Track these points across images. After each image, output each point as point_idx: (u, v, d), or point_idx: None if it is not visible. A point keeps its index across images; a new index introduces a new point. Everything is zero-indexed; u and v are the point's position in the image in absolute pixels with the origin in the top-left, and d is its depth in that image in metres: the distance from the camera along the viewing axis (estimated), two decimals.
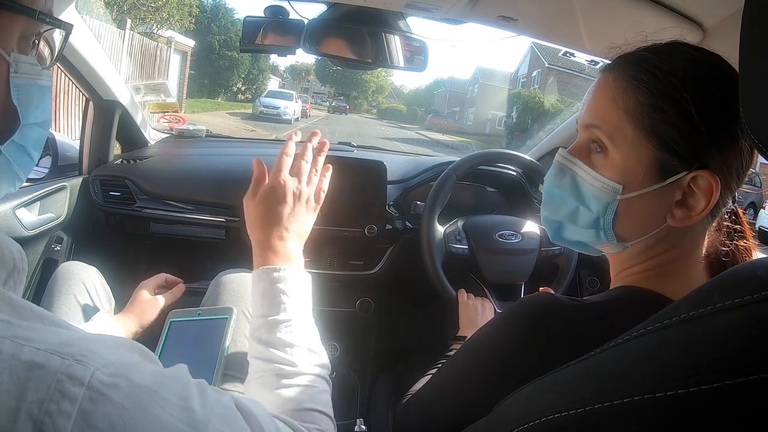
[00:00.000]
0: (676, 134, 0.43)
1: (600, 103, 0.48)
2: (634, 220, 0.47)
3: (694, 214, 0.44)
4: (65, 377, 0.26)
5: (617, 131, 0.46)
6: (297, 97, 18.04)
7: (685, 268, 0.48)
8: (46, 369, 0.26)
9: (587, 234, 0.50)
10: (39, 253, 1.12)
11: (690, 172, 0.43)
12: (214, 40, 15.69)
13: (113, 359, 0.29)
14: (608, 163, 0.47)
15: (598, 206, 0.47)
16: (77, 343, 0.28)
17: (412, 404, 0.64)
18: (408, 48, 1.01)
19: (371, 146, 1.79)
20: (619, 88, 0.46)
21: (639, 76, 0.45)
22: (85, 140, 1.26)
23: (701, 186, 0.43)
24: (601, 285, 1.36)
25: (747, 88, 0.32)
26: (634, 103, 0.45)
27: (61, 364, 0.26)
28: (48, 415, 0.25)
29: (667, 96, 0.43)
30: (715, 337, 0.25)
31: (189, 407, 0.30)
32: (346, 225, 1.19)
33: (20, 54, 0.39)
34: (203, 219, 1.24)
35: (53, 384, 0.26)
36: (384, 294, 1.37)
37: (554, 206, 0.52)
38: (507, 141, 18.30)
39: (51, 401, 0.25)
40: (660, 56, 0.45)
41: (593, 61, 1.04)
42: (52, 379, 0.26)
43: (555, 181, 0.51)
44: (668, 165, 0.44)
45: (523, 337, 0.46)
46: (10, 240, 0.41)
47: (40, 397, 0.25)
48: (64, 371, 0.26)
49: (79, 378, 0.26)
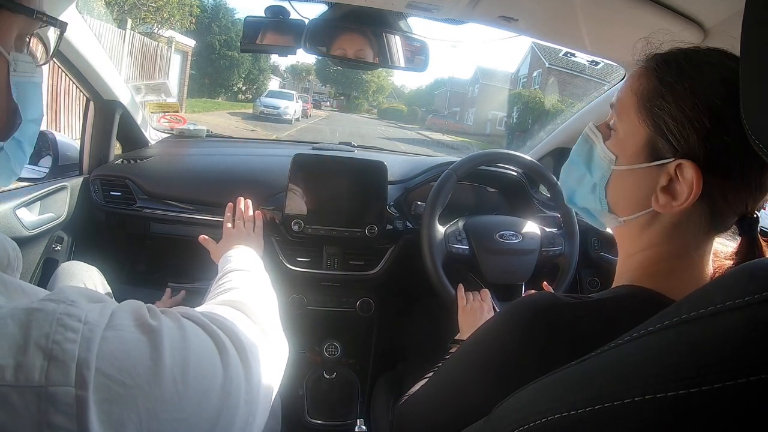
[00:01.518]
0: (671, 121, 0.46)
1: (624, 88, 0.53)
2: (623, 193, 0.51)
3: (676, 203, 0.46)
4: (64, 315, 0.31)
5: (625, 110, 0.51)
6: (297, 97, 18.03)
7: (686, 267, 0.48)
8: (45, 311, 0.30)
9: (589, 199, 0.55)
10: (39, 253, 1.12)
11: (676, 159, 0.45)
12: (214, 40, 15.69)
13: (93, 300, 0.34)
14: (614, 137, 0.52)
15: (597, 173, 0.53)
16: (63, 292, 0.33)
17: (412, 405, 0.64)
18: (409, 48, 1.02)
19: (372, 146, 1.79)
20: (639, 74, 0.51)
21: (656, 67, 0.49)
22: (85, 140, 1.26)
23: (685, 176, 0.45)
24: (601, 285, 1.36)
25: (748, 89, 0.32)
26: (644, 87, 0.49)
27: (56, 307, 0.31)
28: (56, 342, 0.29)
29: (672, 86, 0.46)
30: (715, 337, 0.25)
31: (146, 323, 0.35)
32: (346, 225, 1.19)
33: (18, 53, 0.40)
34: (204, 219, 1.24)
35: (54, 321, 0.30)
36: (384, 294, 1.37)
37: (571, 170, 0.59)
38: (507, 141, 18.29)
39: (56, 332, 0.29)
40: (686, 55, 0.48)
41: (594, 62, 1.04)
42: (52, 317, 0.30)
43: (578, 147, 0.58)
44: (658, 148, 0.47)
45: (523, 336, 0.46)
46: (6, 238, 0.41)
47: (45, 331, 0.29)
48: (62, 311, 0.31)
49: (76, 315, 0.31)
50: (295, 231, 1.16)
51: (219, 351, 0.38)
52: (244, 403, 0.39)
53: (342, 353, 1.28)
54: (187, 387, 0.33)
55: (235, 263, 0.71)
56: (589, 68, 1.10)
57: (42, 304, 0.31)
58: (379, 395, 1.12)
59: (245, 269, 0.69)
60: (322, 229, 1.18)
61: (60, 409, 0.28)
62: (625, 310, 0.46)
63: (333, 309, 1.33)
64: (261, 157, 1.48)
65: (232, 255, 0.76)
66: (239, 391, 0.39)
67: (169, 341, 0.34)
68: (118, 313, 0.34)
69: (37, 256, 1.12)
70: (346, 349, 1.30)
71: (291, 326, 1.22)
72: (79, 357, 0.29)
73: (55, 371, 0.28)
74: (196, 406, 0.34)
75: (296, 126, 15.05)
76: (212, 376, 0.36)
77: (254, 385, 0.41)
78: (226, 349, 0.39)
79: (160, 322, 0.36)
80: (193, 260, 1.40)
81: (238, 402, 0.38)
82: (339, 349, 1.27)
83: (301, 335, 1.31)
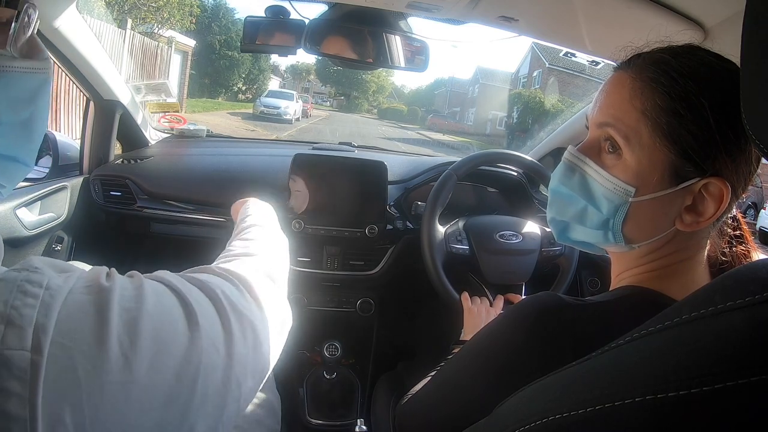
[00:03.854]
0: (693, 140, 0.43)
1: (615, 101, 0.47)
2: (644, 223, 0.47)
3: (702, 219, 0.44)
4: (25, 282, 0.31)
5: (633, 132, 0.45)
6: (298, 97, 18.03)
7: (687, 269, 0.48)
8: (6, 280, 0.31)
9: (595, 235, 0.50)
10: (39, 253, 1.12)
11: (703, 178, 0.43)
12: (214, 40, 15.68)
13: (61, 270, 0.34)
14: (621, 164, 0.46)
15: (608, 207, 0.47)
16: (29, 261, 0.33)
17: (413, 404, 0.64)
18: (409, 48, 1.01)
19: (372, 146, 1.79)
20: (637, 88, 0.45)
21: (658, 78, 0.44)
22: (85, 140, 1.26)
23: (712, 192, 0.43)
24: (601, 285, 1.36)
25: (748, 89, 0.32)
26: (652, 105, 0.44)
27: (18, 276, 0.31)
28: (14, 308, 0.29)
29: (686, 101, 0.43)
30: (716, 338, 0.25)
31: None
32: (346, 225, 1.19)
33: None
34: (204, 219, 1.24)
35: (15, 288, 0.30)
36: (385, 294, 1.37)
37: (561, 206, 0.52)
38: (508, 141, 18.28)
39: (15, 299, 0.30)
40: (679, 59, 0.45)
41: (594, 62, 1.04)
42: (13, 285, 0.30)
43: (563, 179, 0.51)
44: (682, 170, 0.43)
45: (525, 336, 0.46)
46: None
47: (5, 299, 0.29)
48: (23, 278, 0.31)
49: (37, 281, 0.31)
50: (296, 231, 1.17)
51: (186, 313, 0.37)
52: (225, 367, 0.37)
53: (342, 353, 1.28)
54: (136, 349, 0.32)
55: (253, 218, 0.71)
56: (589, 68, 1.10)
57: (5, 275, 0.31)
58: (380, 395, 1.11)
59: (263, 225, 0.69)
60: (322, 229, 1.18)
61: (14, 374, 0.27)
62: (626, 310, 0.46)
63: (333, 309, 1.33)
64: (261, 157, 1.48)
65: (249, 208, 0.75)
66: (212, 356, 0.37)
67: (119, 301, 0.33)
68: (80, 278, 0.34)
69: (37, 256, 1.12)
70: (346, 349, 1.30)
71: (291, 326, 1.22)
72: (37, 322, 0.29)
73: (11, 335, 0.28)
74: (148, 369, 0.32)
75: (296, 126, 15.05)
76: (171, 340, 0.35)
77: (248, 350, 0.40)
78: (196, 313, 0.37)
79: (113, 282, 0.35)
80: (193, 260, 1.39)
81: (213, 366, 0.36)
82: (339, 349, 1.27)
83: (301, 335, 1.31)
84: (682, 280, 0.48)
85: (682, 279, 0.48)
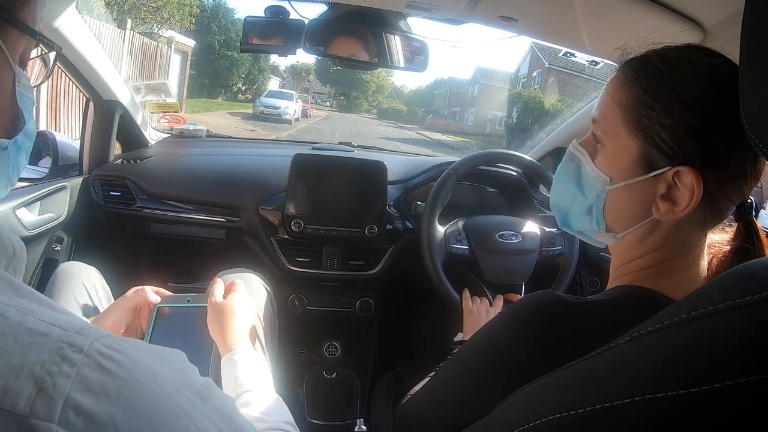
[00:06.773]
0: (661, 130, 0.45)
1: (603, 99, 0.51)
2: (622, 211, 0.50)
3: (678, 209, 0.45)
4: (66, 345, 0.29)
5: (611, 125, 0.49)
6: (297, 97, 18.01)
7: (684, 266, 0.48)
8: (49, 337, 0.29)
9: (584, 221, 0.53)
10: (39, 253, 1.12)
11: (673, 167, 0.45)
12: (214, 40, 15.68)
13: (110, 334, 0.32)
14: (603, 155, 0.50)
15: (591, 195, 0.51)
16: (76, 320, 0.31)
17: (413, 404, 0.64)
18: (408, 48, 1.02)
19: (372, 146, 1.79)
20: (618, 84, 0.49)
21: (638, 74, 0.47)
22: (85, 140, 1.26)
23: (684, 182, 0.44)
24: (601, 285, 1.36)
25: (747, 88, 0.32)
26: (627, 98, 0.47)
27: (62, 334, 0.29)
28: (49, 374, 0.27)
29: (655, 92, 0.45)
30: (715, 337, 0.25)
31: (187, 385, 0.33)
32: (346, 225, 1.19)
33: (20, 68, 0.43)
34: (203, 219, 1.24)
35: (55, 350, 0.28)
36: (384, 294, 1.37)
37: (560, 192, 0.57)
38: (507, 141, 18.26)
39: (52, 363, 0.28)
40: (661, 56, 0.47)
41: (594, 62, 1.04)
42: (54, 345, 0.29)
43: (564, 167, 0.56)
44: (651, 158, 0.46)
45: (525, 335, 0.46)
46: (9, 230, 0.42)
47: (42, 359, 0.28)
48: (65, 340, 0.29)
49: (78, 346, 0.29)
50: (295, 231, 1.16)
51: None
52: None
53: (342, 353, 1.27)
54: None
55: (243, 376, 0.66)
56: (589, 68, 1.10)
57: (49, 329, 0.29)
58: (380, 395, 1.11)
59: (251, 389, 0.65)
60: (321, 229, 1.18)
61: None
62: (625, 310, 0.46)
63: (333, 309, 1.33)
64: (261, 157, 1.48)
65: (237, 360, 0.68)
66: None
67: None
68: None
69: (37, 256, 1.12)
70: (346, 349, 1.30)
71: (291, 326, 1.22)
72: (68, 396, 0.28)
73: (41, 404, 0.27)
74: None
75: (296, 126, 15.04)
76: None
77: None
78: None
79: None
80: (193, 260, 1.40)
81: None
82: (339, 349, 1.27)
83: (301, 335, 1.31)
84: (679, 278, 0.48)
85: (679, 277, 0.48)
